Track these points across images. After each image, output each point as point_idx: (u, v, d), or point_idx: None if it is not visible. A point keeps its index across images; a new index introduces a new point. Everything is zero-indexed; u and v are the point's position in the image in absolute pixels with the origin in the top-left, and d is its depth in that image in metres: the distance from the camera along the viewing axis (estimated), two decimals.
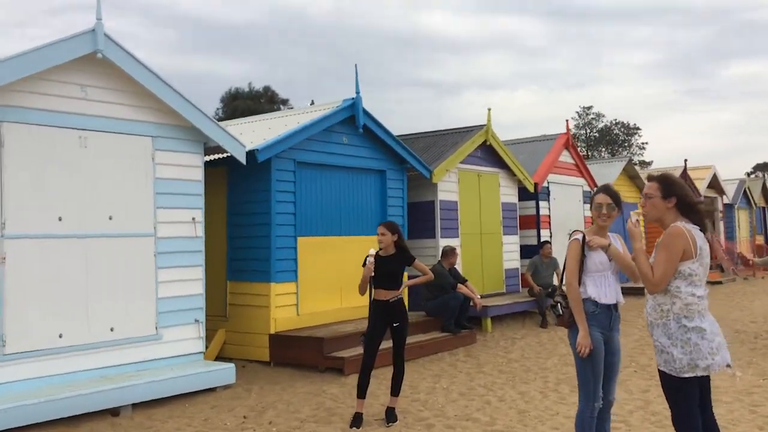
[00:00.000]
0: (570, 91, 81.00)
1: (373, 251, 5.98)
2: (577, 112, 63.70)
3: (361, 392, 5.99)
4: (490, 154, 13.00)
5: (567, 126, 15.81)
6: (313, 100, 35.70)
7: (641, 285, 3.97)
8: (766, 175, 66.88)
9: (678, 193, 3.90)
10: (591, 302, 4.40)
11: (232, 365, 7.40)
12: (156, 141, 7.36)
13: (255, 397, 7.06)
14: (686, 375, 3.68)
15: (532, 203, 14.54)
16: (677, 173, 20.93)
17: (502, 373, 8.02)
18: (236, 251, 9.06)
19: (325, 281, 9.42)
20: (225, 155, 8.40)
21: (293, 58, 71.54)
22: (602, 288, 4.40)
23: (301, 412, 6.40)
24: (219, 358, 8.84)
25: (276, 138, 8.59)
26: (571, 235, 4.58)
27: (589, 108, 62.67)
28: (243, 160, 8.07)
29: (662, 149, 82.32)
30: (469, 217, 12.38)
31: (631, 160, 19.08)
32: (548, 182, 14.80)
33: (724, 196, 25.55)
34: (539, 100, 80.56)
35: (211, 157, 9.02)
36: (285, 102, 41.61)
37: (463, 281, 10.28)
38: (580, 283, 4.42)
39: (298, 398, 6.96)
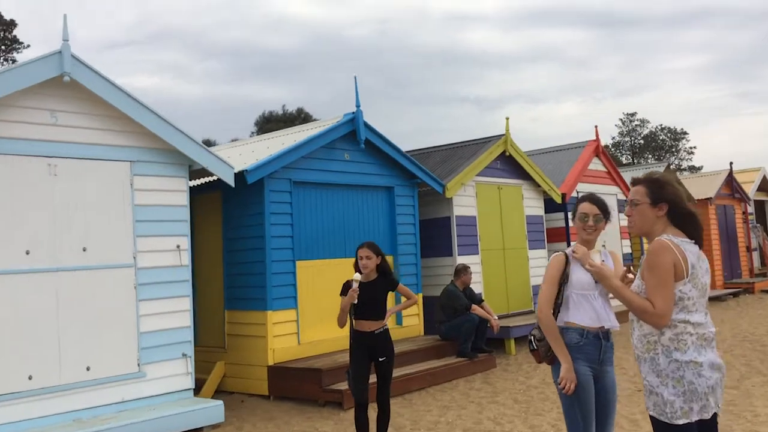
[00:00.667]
0: (616, 101, 79.23)
1: (358, 276, 5.37)
2: (621, 119, 62.13)
3: None
4: (511, 164, 12.34)
5: (596, 132, 15.01)
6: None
7: None
8: None
9: (670, 199, 3.24)
10: (575, 331, 3.75)
11: (220, 402, 6.91)
12: (135, 166, 6.99)
13: None
14: (680, 421, 3.00)
15: (561, 215, 13.78)
16: (722, 177, 19.79)
17: (516, 402, 7.33)
18: (233, 278, 8.62)
19: (330, 307, 8.89)
20: (218, 178, 8.00)
21: (335, 81, 72.20)
22: (588, 312, 3.75)
23: None
24: (219, 392, 8.39)
25: (267, 158, 8.16)
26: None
27: (633, 114, 61.03)
28: (231, 182, 7.64)
29: (713, 154, 79.34)
30: (489, 232, 11.72)
31: (670, 165, 18.06)
32: (578, 192, 14.01)
33: None
34: (584, 111, 78.82)
35: (204, 181, 8.65)
36: None
37: (479, 301, 9.61)
38: (561, 307, 3.79)
39: None
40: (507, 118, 12.21)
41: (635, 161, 58.12)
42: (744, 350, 9.62)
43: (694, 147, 62.73)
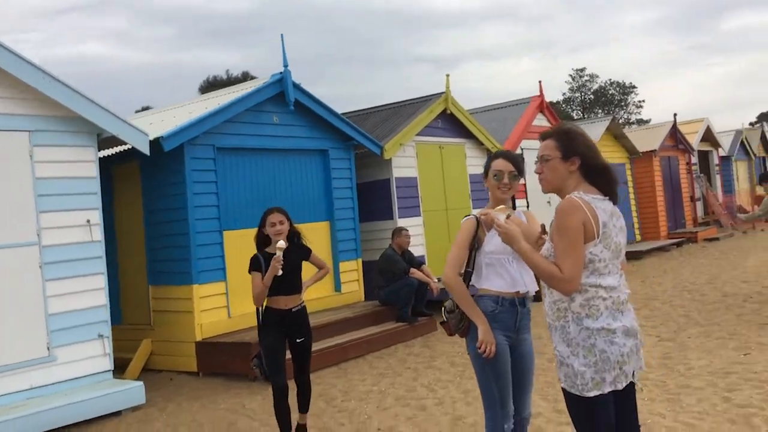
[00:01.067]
0: (573, 56, 79.67)
1: (282, 244, 4.84)
2: (570, 75, 62.38)
3: (285, 427, 4.87)
4: (452, 123, 12.03)
5: (540, 88, 14.80)
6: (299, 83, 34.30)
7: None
8: (766, 123, 65.15)
9: (582, 152, 2.95)
10: (489, 298, 3.49)
11: (140, 383, 6.55)
12: (34, 136, 6.45)
13: (165, 418, 6.21)
14: (591, 393, 2.77)
15: None
16: (667, 129, 19.86)
17: (453, 366, 7.14)
18: (156, 252, 8.17)
19: None
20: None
21: (291, 43, 70.42)
22: (503, 276, 3.49)
23: None
24: (147, 370, 8.01)
25: (185, 123, 7.67)
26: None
27: (582, 70, 61.29)
28: (146, 150, 7.15)
29: (663, 107, 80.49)
30: (431, 193, 11.45)
31: (615, 118, 17.95)
32: (521, 149, 13.83)
33: (720, 149, 24.47)
34: (542, 68, 78.79)
35: (120, 149, 8.12)
36: None
37: (419, 264, 9.36)
38: (473, 274, 3.52)
39: (214, 417, 6.11)
40: (447, 75, 11.86)
41: (585, 116, 58.57)
42: (683, 300, 9.63)
43: (643, 101, 63.69)
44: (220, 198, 8.14)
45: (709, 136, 23.25)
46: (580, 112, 60.21)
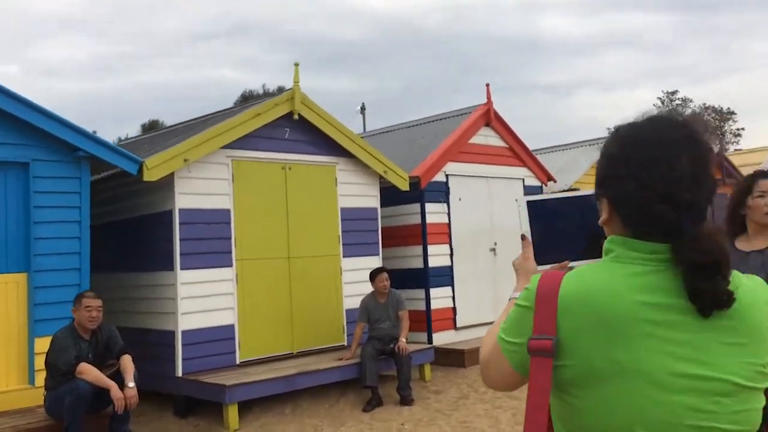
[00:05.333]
0: (693, 87, 72.81)
1: None
2: (659, 98, 56.16)
3: None
4: (313, 134, 8.44)
5: (488, 92, 10.80)
6: (363, 104, 31.01)
7: None
8: None
9: None
10: None
11: None
12: None
13: None
14: None
15: (416, 207, 9.76)
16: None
17: None
18: None
19: None
20: None
21: (406, 71, 69.46)
22: None
23: None
24: None
25: None
26: None
27: (674, 93, 54.99)
28: None
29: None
30: (259, 233, 7.85)
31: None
32: (446, 174, 9.96)
33: None
34: (659, 98, 72.66)
35: None
36: None
37: (118, 353, 5.74)
38: None
39: None
40: (296, 64, 8.29)
41: None
42: None
43: (742, 128, 55.70)
44: None
45: None
46: None
